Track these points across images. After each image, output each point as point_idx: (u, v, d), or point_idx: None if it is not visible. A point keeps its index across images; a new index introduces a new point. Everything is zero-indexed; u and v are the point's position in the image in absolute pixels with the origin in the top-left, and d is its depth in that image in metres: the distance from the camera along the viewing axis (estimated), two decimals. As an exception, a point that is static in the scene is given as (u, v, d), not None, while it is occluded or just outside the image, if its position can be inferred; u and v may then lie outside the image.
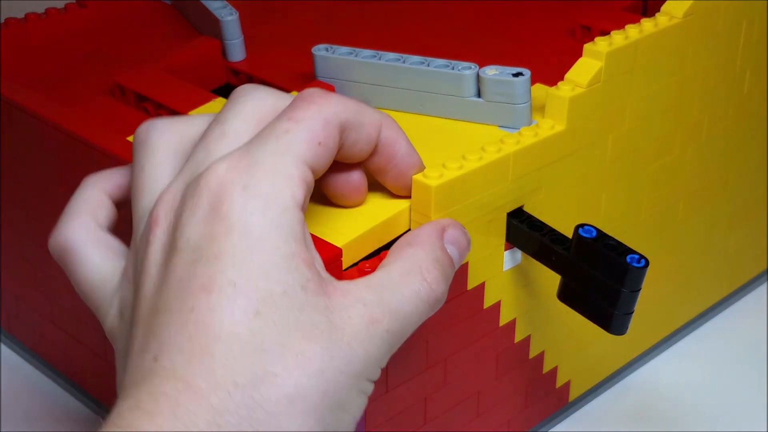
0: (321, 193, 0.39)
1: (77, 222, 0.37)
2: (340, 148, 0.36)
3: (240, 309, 0.31)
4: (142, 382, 0.31)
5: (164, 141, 0.36)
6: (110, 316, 0.36)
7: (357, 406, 0.33)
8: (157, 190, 0.35)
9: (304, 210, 0.34)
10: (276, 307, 0.32)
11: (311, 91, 0.35)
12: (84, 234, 0.37)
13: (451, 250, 0.37)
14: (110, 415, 0.31)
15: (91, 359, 0.50)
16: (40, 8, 0.56)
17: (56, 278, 0.48)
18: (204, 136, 0.35)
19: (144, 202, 0.35)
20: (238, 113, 0.35)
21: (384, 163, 0.38)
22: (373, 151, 0.37)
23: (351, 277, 0.39)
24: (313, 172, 0.34)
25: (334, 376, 0.32)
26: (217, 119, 0.35)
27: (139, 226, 0.35)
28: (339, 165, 0.38)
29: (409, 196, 0.40)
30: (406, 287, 0.35)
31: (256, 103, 0.35)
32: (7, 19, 0.55)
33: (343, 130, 0.35)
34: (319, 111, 0.34)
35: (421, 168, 0.39)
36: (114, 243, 0.37)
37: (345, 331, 0.32)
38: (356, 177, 0.38)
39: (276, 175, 0.33)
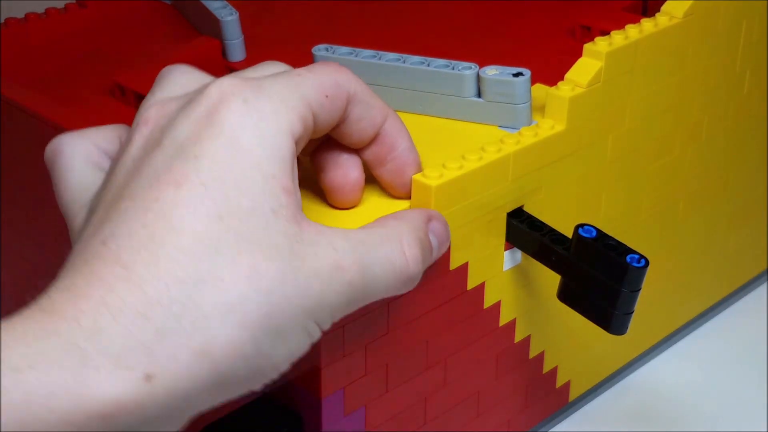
0: (318, 195, 0.39)
1: (77, 135, 0.37)
2: (344, 120, 0.36)
3: (204, 210, 0.31)
4: (83, 265, 0.30)
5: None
6: (78, 219, 0.35)
7: (297, 343, 0.32)
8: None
9: (297, 152, 0.33)
10: (240, 219, 0.31)
11: (330, 62, 0.36)
12: (79, 146, 0.36)
13: (432, 240, 0.37)
14: (38, 298, 0.30)
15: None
16: (40, 8, 0.56)
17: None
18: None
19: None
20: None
21: (384, 155, 0.38)
22: (375, 140, 0.37)
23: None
24: (314, 122, 0.34)
25: (281, 301, 0.31)
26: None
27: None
28: (338, 157, 0.38)
29: (402, 197, 0.40)
30: (383, 251, 0.34)
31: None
32: (7, 19, 0.55)
33: (351, 101, 0.36)
34: (333, 72, 0.35)
35: (419, 168, 0.39)
36: (104, 162, 0.36)
37: (306, 263, 0.32)
38: (355, 174, 0.38)
39: (279, 102, 0.33)
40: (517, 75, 0.44)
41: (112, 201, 0.32)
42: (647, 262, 0.39)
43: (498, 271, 0.44)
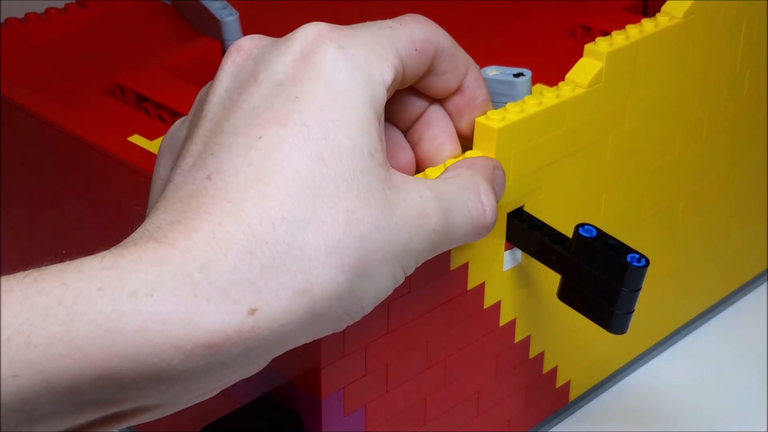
0: None
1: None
2: (430, 72, 0.37)
3: (307, 150, 0.32)
4: (189, 198, 0.31)
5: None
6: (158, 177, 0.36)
7: (384, 286, 0.33)
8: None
9: (385, 100, 0.34)
10: (340, 160, 0.32)
11: (418, 15, 0.37)
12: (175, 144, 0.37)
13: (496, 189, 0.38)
14: (145, 226, 0.31)
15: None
16: (40, 8, 0.57)
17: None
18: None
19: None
20: None
21: (463, 106, 0.39)
22: (457, 91, 0.39)
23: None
24: (403, 72, 0.35)
25: (374, 247, 0.32)
26: None
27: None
28: (435, 130, 0.39)
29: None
30: (462, 199, 0.35)
31: None
32: (7, 19, 0.55)
33: (438, 56, 0.37)
34: (423, 26, 0.36)
35: None
36: None
37: (397, 210, 0.33)
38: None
39: (372, 51, 0.34)
40: (518, 75, 0.44)
41: (211, 134, 0.33)
42: (648, 262, 0.39)
43: (498, 271, 0.44)
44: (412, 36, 0.36)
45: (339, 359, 0.39)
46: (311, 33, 0.34)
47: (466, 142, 0.41)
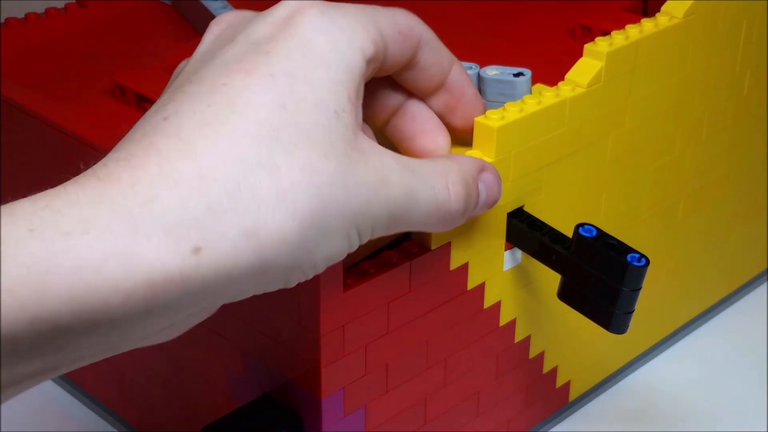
0: None
1: None
2: (414, 65, 0.37)
3: (270, 97, 0.31)
4: (141, 137, 0.30)
5: None
6: None
7: (337, 247, 0.32)
8: None
9: (365, 78, 0.34)
10: (303, 113, 0.32)
11: (404, 9, 0.37)
12: None
13: (481, 189, 0.38)
14: (92, 167, 0.30)
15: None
16: (40, 8, 0.56)
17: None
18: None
19: None
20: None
21: (454, 102, 0.39)
22: (443, 88, 0.39)
23: (354, 278, 0.39)
24: (385, 53, 0.35)
25: (330, 199, 0.31)
26: None
27: None
28: (424, 124, 0.39)
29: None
30: (429, 181, 0.35)
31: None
32: (7, 19, 0.55)
33: (422, 46, 0.37)
34: (408, 15, 0.36)
35: (484, 111, 0.40)
36: None
37: (357, 169, 0.32)
38: (442, 139, 0.40)
39: (355, 20, 0.34)
40: (517, 75, 0.44)
41: (177, 86, 0.33)
42: (648, 261, 0.39)
43: (498, 271, 0.44)
44: (396, 19, 0.36)
45: (339, 359, 0.39)
46: (295, 1, 0.34)
47: (465, 137, 0.41)
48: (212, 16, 0.53)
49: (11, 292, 0.26)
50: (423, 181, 0.35)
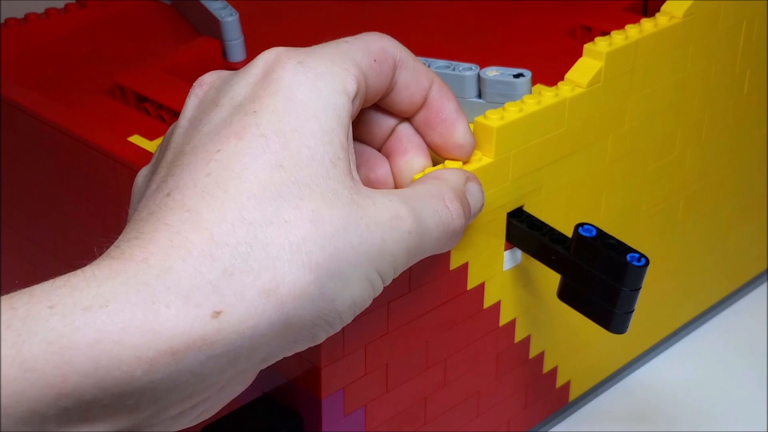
0: None
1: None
2: (393, 88, 0.37)
3: (266, 158, 0.31)
4: (148, 216, 0.31)
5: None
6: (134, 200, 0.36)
7: (359, 291, 0.32)
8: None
9: (352, 116, 0.34)
10: (300, 168, 0.32)
11: (374, 31, 0.37)
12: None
13: (470, 198, 0.38)
14: (109, 248, 0.30)
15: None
16: (40, 8, 0.56)
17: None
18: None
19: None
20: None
21: (431, 118, 0.38)
22: (423, 105, 0.38)
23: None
24: (366, 85, 0.35)
25: (344, 246, 0.31)
26: None
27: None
28: (404, 143, 0.39)
29: (455, 158, 0.40)
30: (430, 205, 0.35)
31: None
32: (7, 19, 0.55)
33: (398, 66, 0.36)
34: (378, 38, 0.36)
35: (468, 127, 0.39)
36: None
37: (367, 212, 0.32)
38: (421, 162, 0.39)
39: (332, 63, 0.34)
40: (517, 76, 0.44)
41: (173, 159, 0.33)
42: (647, 261, 0.39)
43: (498, 271, 0.44)
44: (368, 47, 0.35)
45: (339, 359, 0.39)
46: (270, 56, 0.34)
47: (442, 154, 0.40)
48: (212, 16, 0.53)
49: (35, 369, 0.27)
50: (426, 207, 0.35)
